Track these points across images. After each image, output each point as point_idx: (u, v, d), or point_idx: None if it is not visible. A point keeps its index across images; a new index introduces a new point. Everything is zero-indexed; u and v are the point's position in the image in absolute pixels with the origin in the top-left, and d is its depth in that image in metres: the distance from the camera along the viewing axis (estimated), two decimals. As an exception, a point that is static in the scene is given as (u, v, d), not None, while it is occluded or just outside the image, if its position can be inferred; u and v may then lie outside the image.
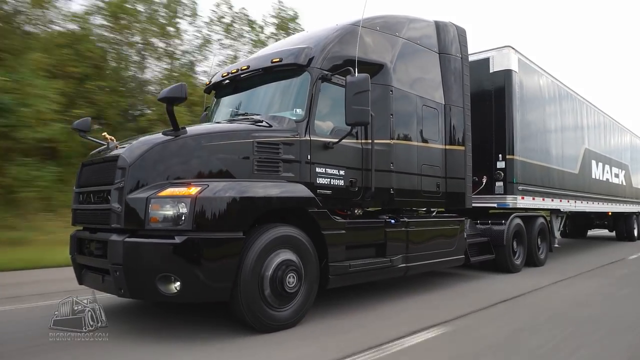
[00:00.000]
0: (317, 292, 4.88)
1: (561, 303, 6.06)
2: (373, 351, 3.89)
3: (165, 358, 3.76)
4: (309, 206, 4.85)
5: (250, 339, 4.20)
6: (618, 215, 16.57)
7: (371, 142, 5.73)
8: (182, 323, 4.79)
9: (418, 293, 6.48)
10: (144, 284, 4.06)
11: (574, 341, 4.34)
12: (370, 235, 5.66)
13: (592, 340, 4.40)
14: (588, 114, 12.95)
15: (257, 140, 4.74)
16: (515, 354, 3.98)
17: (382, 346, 4.02)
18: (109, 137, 4.72)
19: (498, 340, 4.33)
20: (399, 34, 6.61)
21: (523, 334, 4.53)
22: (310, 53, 5.39)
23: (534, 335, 4.46)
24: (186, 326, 4.65)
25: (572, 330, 4.74)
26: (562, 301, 6.18)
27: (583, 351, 4.05)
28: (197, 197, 4.02)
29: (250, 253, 4.25)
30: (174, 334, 4.41)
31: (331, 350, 3.90)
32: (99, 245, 4.46)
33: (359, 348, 3.93)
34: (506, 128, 8.80)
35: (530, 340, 4.30)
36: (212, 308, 5.13)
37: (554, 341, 4.27)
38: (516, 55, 9.08)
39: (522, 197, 8.92)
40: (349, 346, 3.99)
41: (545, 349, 4.06)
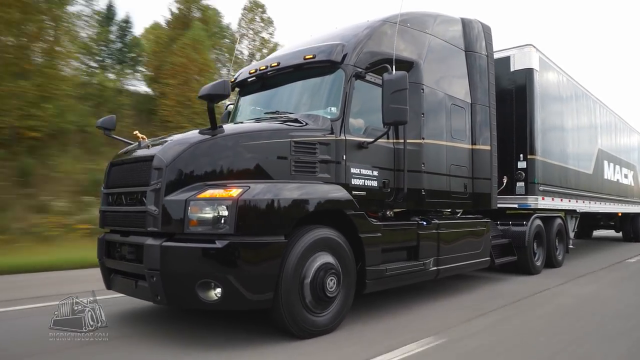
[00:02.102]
0: (356, 298, 4.73)
1: (599, 304, 5.95)
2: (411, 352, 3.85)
3: (165, 358, 3.71)
4: (347, 208, 4.69)
5: (248, 342, 4.11)
6: (625, 216, 16.54)
7: (403, 141, 5.58)
8: (182, 324, 4.72)
9: (443, 296, 6.35)
10: (183, 291, 3.88)
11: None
12: (403, 238, 5.50)
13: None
14: (601, 114, 12.88)
15: (294, 140, 4.56)
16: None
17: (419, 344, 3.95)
18: (141, 136, 4.52)
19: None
20: (428, 30, 6.45)
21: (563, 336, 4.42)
22: (344, 50, 5.22)
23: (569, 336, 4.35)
24: (186, 327, 4.58)
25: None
26: (598, 302, 6.07)
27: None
28: (239, 199, 3.84)
29: (291, 257, 4.08)
30: (174, 334, 4.35)
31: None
32: (132, 249, 4.27)
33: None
34: (527, 128, 8.67)
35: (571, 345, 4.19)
36: (212, 310, 5.04)
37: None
38: (537, 54, 8.95)
39: (542, 197, 8.79)
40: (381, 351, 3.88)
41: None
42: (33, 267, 8.64)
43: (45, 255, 9.73)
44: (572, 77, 10.87)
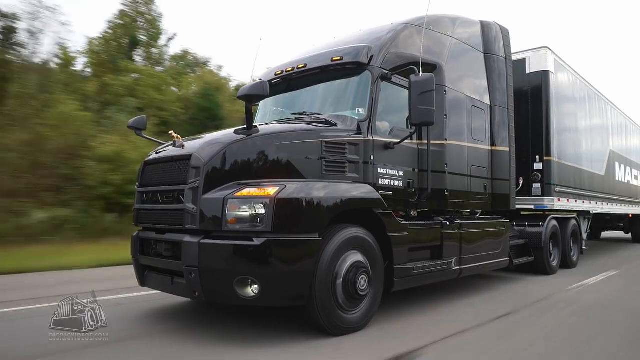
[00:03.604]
0: (382, 296, 4.81)
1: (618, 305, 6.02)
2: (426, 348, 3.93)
3: (165, 358, 3.74)
4: (377, 207, 4.77)
5: (249, 341, 4.12)
6: (636, 217, 16.54)
7: (427, 142, 5.66)
8: (182, 324, 4.75)
9: (463, 295, 6.42)
10: (221, 287, 3.97)
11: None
12: (428, 237, 5.58)
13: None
14: (612, 115, 12.93)
15: (325, 140, 4.65)
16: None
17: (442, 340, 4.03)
18: (175, 136, 4.62)
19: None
20: (449, 33, 6.54)
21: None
22: (370, 52, 5.31)
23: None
24: (186, 327, 4.61)
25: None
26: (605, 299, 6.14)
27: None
28: (276, 198, 3.92)
29: (325, 255, 4.16)
30: (174, 334, 4.37)
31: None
32: (169, 246, 4.36)
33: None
34: (544, 129, 8.74)
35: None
36: (212, 308, 5.17)
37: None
38: (552, 56, 9.02)
39: (558, 199, 8.86)
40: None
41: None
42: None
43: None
44: (584, 78, 10.93)
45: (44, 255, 9.79)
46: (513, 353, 4.01)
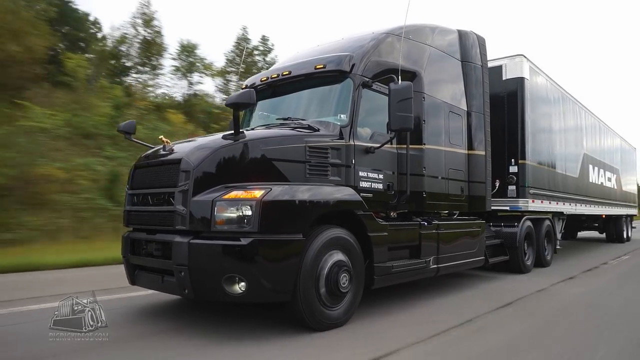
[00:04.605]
0: (364, 293, 5.06)
1: (582, 299, 6.38)
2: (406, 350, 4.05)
3: (165, 357, 3.80)
4: (358, 209, 5.02)
5: (247, 341, 4.19)
6: (609, 218, 17.16)
7: (406, 146, 5.94)
8: (182, 323, 4.82)
9: (440, 294, 6.71)
10: (209, 285, 4.17)
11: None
12: (407, 237, 5.85)
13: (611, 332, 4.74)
14: (586, 119, 13.44)
15: (309, 145, 4.89)
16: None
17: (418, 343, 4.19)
18: (165, 140, 4.81)
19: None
20: (428, 42, 6.84)
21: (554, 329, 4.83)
22: (352, 60, 5.56)
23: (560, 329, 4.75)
24: (186, 326, 4.69)
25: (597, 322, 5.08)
26: (580, 297, 6.51)
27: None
28: (262, 200, 4.15)
29: (309, 254, 4.40)
30: (174, 333, 4.44)
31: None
32: (159, 246, 4.55)
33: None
34: (519, 134, 9.12)
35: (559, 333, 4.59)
36: (211, 308, 5.27)
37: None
38: (528, 64, 9.41)
39: (532, 200, 9.25)
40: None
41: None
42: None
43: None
44: (560, 85, 11.39)
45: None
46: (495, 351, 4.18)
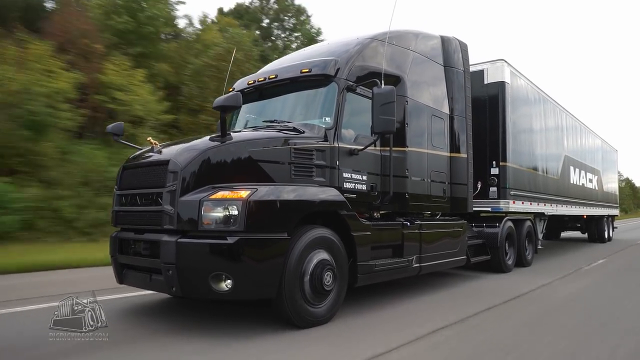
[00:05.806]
0: (347, 291, 5.22)
1: (562, 299, 6.61)
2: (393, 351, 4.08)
3: (165, 357, 3.85)
4: (341, 209, 5.18)
5: (248, 341, 4.25)
6: (591, 218, 17.55)
7: (389, 149, 6.11)
8: (181, 323, 4.88)
9: (425, 293, 6.89)
10: (197, 282, 4.30)
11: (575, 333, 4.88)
12: (390, 237, 6.03)
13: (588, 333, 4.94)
14: (566, 121, 13.77)
15: (294, 147, 5.05)
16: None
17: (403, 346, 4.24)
18: (153, 142, 4.93)
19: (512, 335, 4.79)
20: (411, 47, 7.04)
21: (534, 329, 5.02)
22: (337, 65, 5.72)
23: (542, 329, 4.96)
24: (186, 326, 4.75)
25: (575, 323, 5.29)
26: (561, 297, 6.74)
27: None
28: (248, 200, 4.28)
29: (293, 253, 4.54)
30: (174, 333, 4.49)
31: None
32: (147, 245, 4.66)
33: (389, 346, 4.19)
34: (500, 137, 9.37)
35: (539, 335, 4.79)
36: (211, 308, 5.35)
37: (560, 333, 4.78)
38: (509, 68, 9.68)
39: (513, 201, 9.50)
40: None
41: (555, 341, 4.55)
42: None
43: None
44: (541, 89, 11.71)
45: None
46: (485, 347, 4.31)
